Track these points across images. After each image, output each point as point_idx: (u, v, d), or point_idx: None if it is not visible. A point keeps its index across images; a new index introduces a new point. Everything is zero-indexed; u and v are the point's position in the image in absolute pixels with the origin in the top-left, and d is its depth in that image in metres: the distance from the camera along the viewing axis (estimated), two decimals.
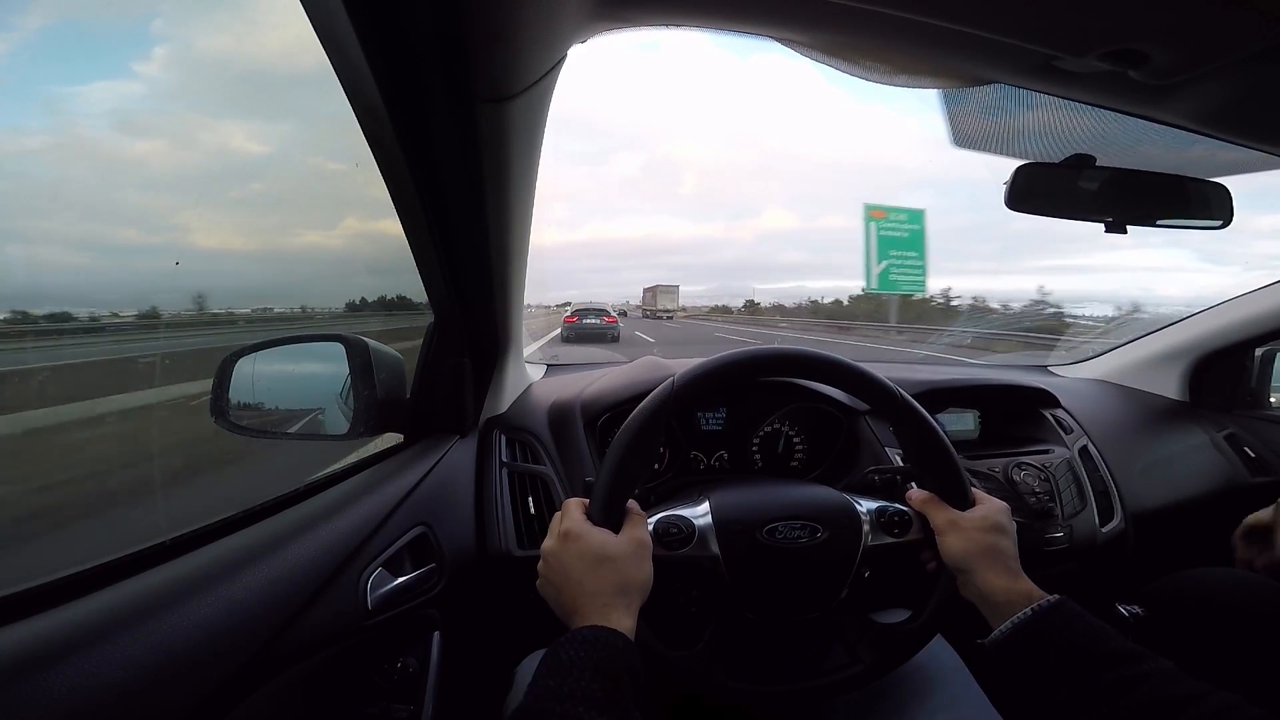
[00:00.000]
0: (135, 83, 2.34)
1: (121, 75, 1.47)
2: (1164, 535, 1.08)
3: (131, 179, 1.52)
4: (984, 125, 0.73)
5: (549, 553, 0.56)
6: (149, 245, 1.38)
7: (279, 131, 4.64)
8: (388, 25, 0.45)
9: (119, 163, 1.48)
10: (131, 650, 0.40)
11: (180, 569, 0.49)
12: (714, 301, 58.00)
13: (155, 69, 2.57)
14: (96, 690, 0.38)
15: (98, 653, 0.39)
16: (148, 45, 2.31)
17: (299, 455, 0.94)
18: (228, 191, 2.90)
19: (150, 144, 1.68)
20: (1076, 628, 0.50)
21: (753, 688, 0.59)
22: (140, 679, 0.40)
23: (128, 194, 1.46)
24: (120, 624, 0.41)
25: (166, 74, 2.57)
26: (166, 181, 1.74)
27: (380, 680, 0.68)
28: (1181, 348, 1.32)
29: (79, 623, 0.41)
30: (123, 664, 0.40)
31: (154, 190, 1.69)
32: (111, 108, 1.74)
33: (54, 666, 0.37)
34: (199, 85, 2.02)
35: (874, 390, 0.63)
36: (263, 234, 3.33)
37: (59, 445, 1.10)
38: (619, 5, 0.51)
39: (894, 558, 0.63)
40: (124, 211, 1.40)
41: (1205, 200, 0.78)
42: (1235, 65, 0.50)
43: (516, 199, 0.65)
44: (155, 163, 1.71)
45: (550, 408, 0.96)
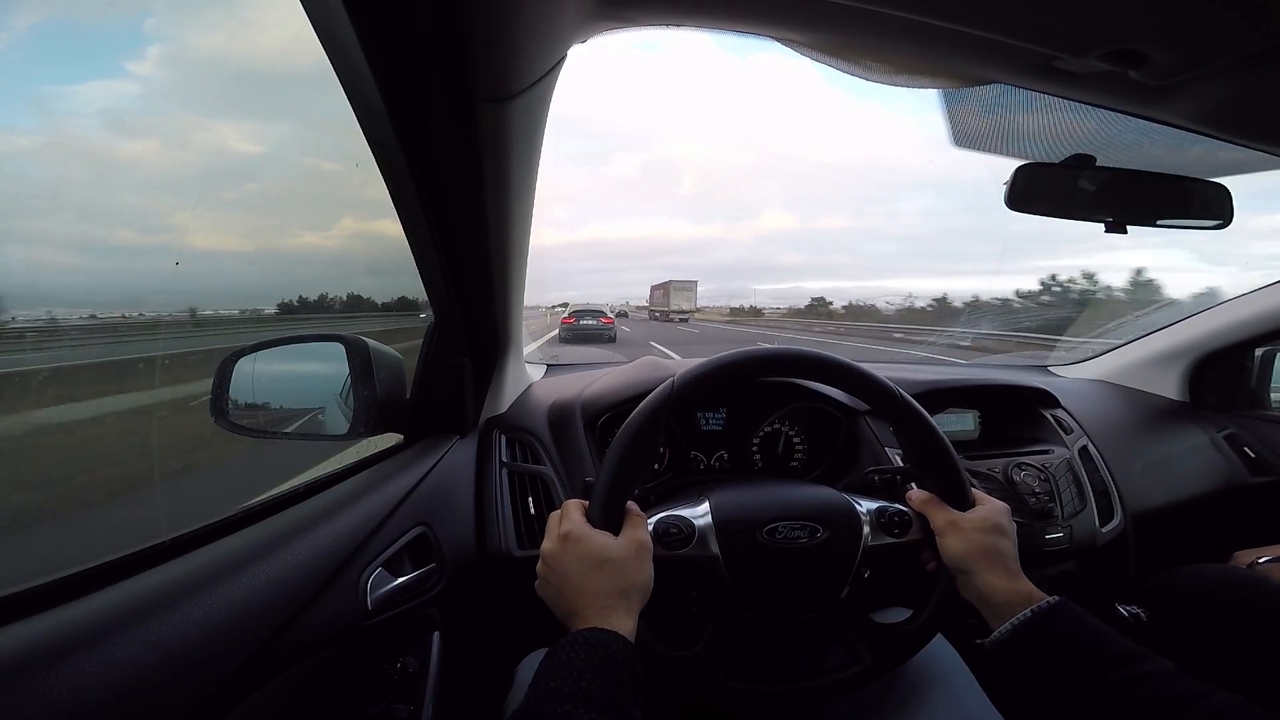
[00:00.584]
0: (128, 81, 2.34)
1: (114, 74, 1.47)
2: (1164, 535, 1.08)
3: (130, 179, 1.52)
4: (984, 125, 0.73)
5: (548, 555, 0.56)
6: (149, 245, 1.38)
7: (278, 132, 4.65)
8: (388, 25, 0.45)
9: (114, 162, 1.48)
10: (131, 650, 0.40)
11: (180, 569, 0.49)
12: (713, 302, 57.90)
13: (149, 68, 2.58)
14: (96, 690, 0.38)
15: (98, 653, 0.39)
16: (143, 44, 2.32)
17: (298, 455, 0.94)
18: (225, 192, 2.92)
19: (145, 143, 1.69)
20: (1076, 628, 0.50)
21: (753, 688, 0.59)
22: (140, 679, 0.40)
23: (127, 195, 1.47)
24: (120, 624, 0.41)
25: (169, 74, 2.58)
26: (166, 181, 1.75)
27: (380, 680, 0.68)
28: (1181, 348, 1.32)
29: (79, 623, 0.41)
30: (123, 664, 0.40)
31: (153, 190, 1.69)
32: (103, 107, 1.75)
33: (54, 666, 0.37)
34: (199, 85, 2.02)
35: (874, 390, 0.63)
36: (261, 235, 3.34)
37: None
38: (619, 5, 0.51)
39: (894, 558, 0.63)
40: (123, 212, 1.41)
41: (1205, 200, 0.78)
42: (1235, 65, 0.50)
43: (516, 199, 0.65)
44: (153, 163, 1.72)
45: (550, 408, 0.96)
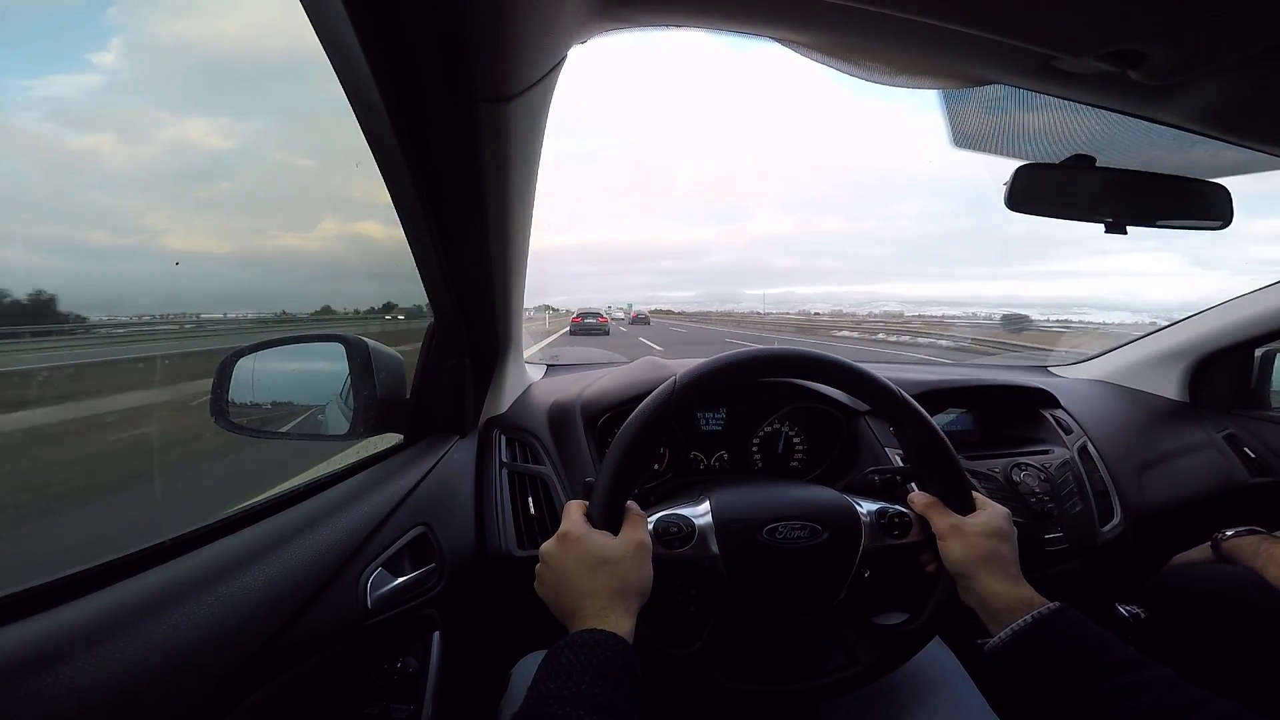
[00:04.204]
0: (91, 75, 2.30)
1: (80, 69, 1.44)
2: (1164, 535, 1.08)
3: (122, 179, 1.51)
4: (984, 126, 0.73)
5: (547, 554, 0.56)
6: (145, 248, 1.37)
7: (276, 131, 4.65)
8: (388, 26, 0.45)
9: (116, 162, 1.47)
10: (131, 650, 0.40)
11: (180, 569, 0.49)
12: (705, 307, 58.18)
13: (120, 60, 2.57)
14: (97, 691, 0.38)
15: (98, 653, 0.39)
16: (140, 43, 2.31)
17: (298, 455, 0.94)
18: (216, 193, 2.90)
19: (148, 145, 1.68)
20: (1076, 635, 0.50)
21: (751, 688, 0.59)
22: (140, 679, 0.40)
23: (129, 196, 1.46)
24: (120, 624, 0.41)
25: (170, 74, 2.58)
26: (141, 180, 1.74)
27: (380, 680, 0.68)
28: (1181, 348, 1.32)
29: (79, 623, 0.41)
30: (123, 664, 0.40)
31: (124, 189, 1.68)
32: (63, 103, 1.72)
33: (54, 667, 0.37)
34: (200, 85, 2.02)
35: (874, 391, 0.63)
36: (251, 237, 3.33)
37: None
38: (619, 5, 0.51)
39: (893, 559, 0.63)
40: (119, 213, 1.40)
41: (1205, 201, 0.78)
42: (1235, 65, 0.50)
43: (516, 200, 0.65)
44: (149, 162, 1.71)
45: (550, 408, 0.96)
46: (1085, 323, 25.45)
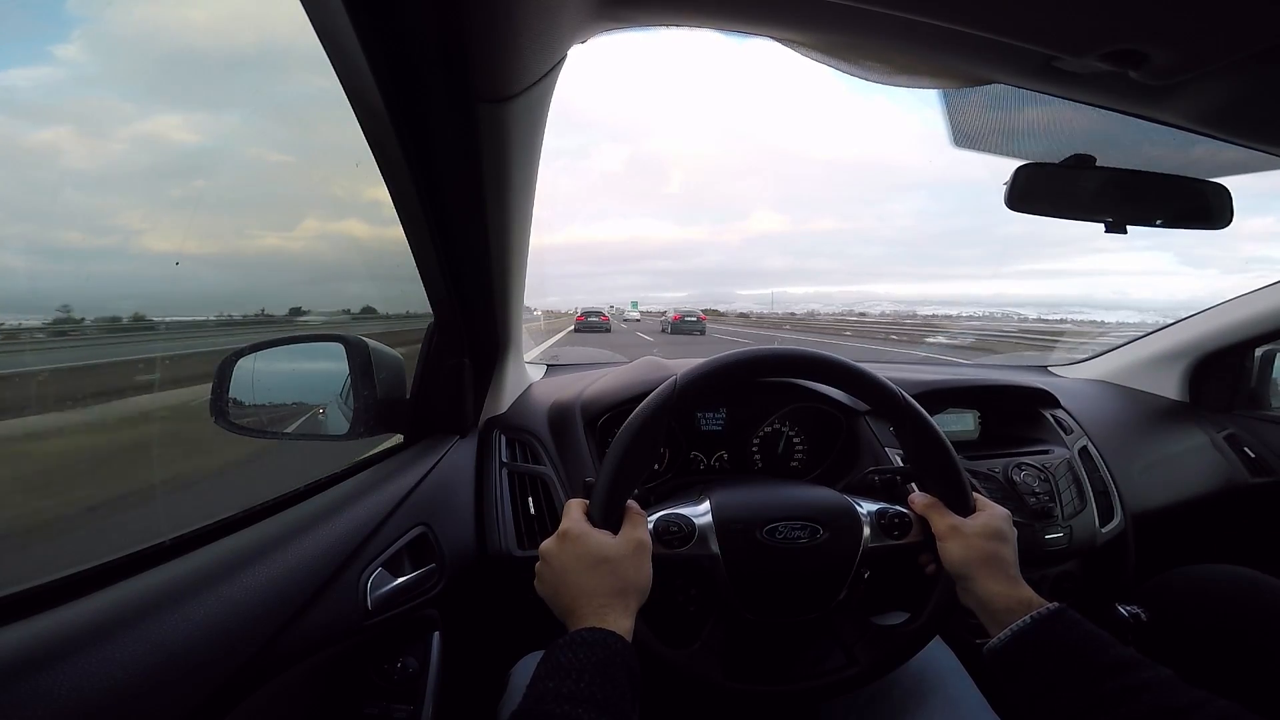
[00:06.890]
0: (56, 70, 2.26)
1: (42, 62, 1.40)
2: (1164, 535, 1.08)
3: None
4: (984, 125, 0.73)
5: (547, 552, 0.56)
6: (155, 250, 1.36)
7: (277, 131, 4.64)
8: (388, 26, 0.45)
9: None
10: (131, 650, 0.40)
11: (180, 569, 0.49)
12: (697, 306, 58.23)
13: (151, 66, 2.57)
14: (97, 690, 0.38)
15: (98, 653, 0.39)
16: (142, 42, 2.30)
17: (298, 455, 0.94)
18: (226, 193, 2.88)
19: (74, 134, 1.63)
20: (1076, 636, 0.50)
21: (750, 688, 0.59)
22: (140, 679, 0.40)
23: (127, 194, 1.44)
24: (120, 624, 0.41)
25: (170, 75, 2.57)
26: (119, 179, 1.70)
27: (380, 680, 0.68)
28: (1181, 348, 1.32)
29: (79, 623, 0.41)
30: (123, 664, 0.40)
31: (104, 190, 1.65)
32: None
33: (54, 666, 0.37)
34: (200, 86, 2.01)
35: (874, 391, 0.63)
36: (233, 237, 3.29)
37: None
38: (619, 5, 0.51)
39: (893, 559, 0.63)
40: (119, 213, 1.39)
41: (1205, 201, 0.78)
42: (1235, 65, 0.50)
43: (516, 199, 0.65)
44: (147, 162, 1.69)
45: (550, 408, 0.96)
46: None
